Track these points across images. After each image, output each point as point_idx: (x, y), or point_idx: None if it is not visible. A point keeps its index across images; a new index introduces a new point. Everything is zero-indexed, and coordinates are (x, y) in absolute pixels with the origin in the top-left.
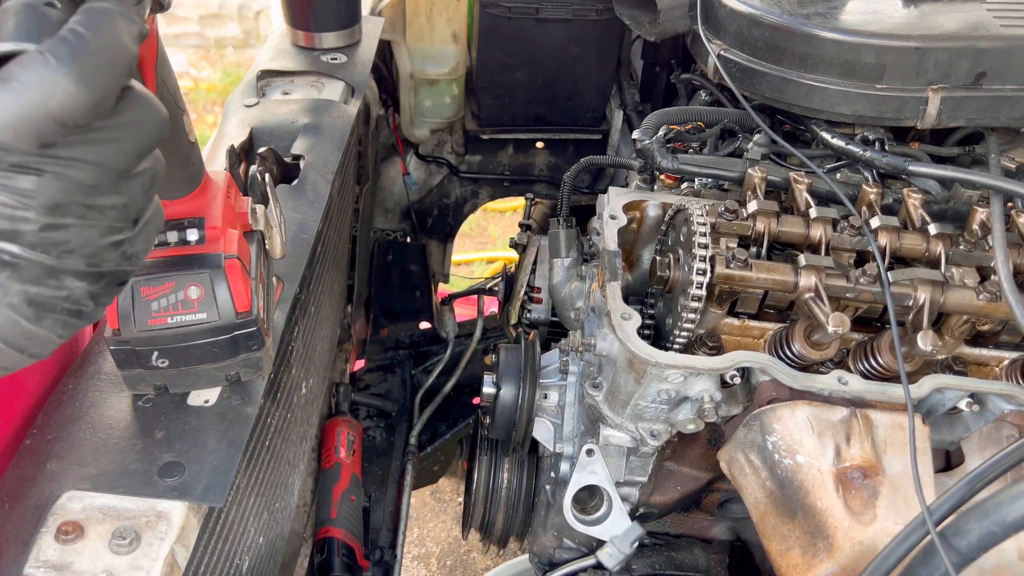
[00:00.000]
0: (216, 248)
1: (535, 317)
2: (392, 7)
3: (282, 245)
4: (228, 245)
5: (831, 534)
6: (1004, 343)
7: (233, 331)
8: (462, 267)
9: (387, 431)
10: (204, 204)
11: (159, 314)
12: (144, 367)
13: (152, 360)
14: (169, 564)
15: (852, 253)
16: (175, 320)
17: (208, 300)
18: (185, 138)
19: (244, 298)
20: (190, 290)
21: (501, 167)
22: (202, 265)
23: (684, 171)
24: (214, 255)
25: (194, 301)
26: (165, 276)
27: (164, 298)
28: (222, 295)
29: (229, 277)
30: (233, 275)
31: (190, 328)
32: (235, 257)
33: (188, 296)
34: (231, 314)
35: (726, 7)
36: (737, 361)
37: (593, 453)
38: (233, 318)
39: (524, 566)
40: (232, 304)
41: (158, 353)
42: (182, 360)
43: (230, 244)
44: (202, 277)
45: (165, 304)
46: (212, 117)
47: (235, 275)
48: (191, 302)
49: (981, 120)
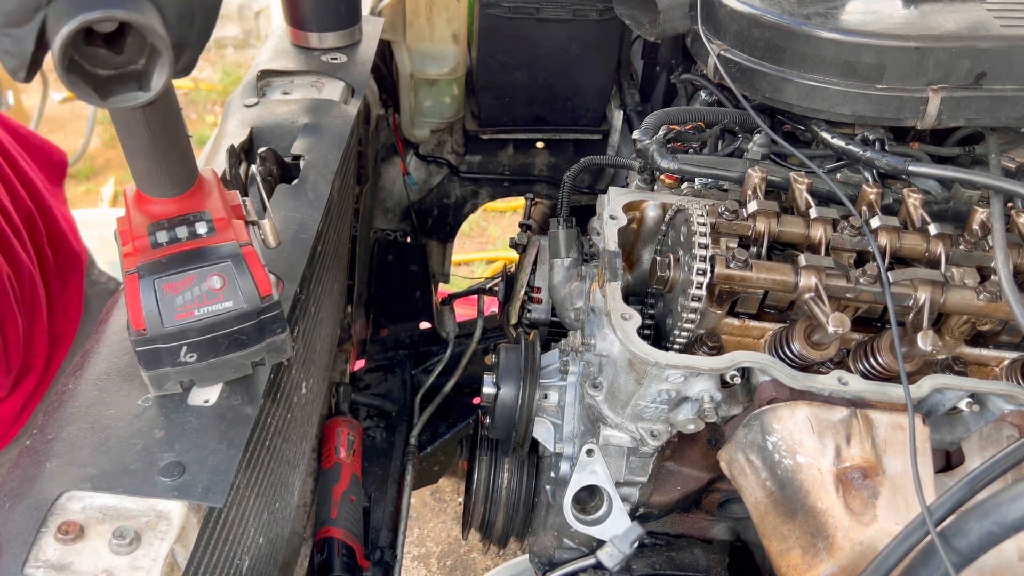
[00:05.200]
0: (228, 237)
1: (535, 317)
2: (392, 7)
3: (275, 234)
4: (239, 234)
5: (831, 534)
6: (1004, 343)
7: (259, 316)
8: (462, 267)
9: (387, 431)
10: (202, 199)
11: (185, 308)
12: (172, 364)
13: (181, 356)
14: (169, 564)
15: (852, 253)
16: (202, 312)
17: (232, 288)
18: (184, 133)
19: (266, 282)
20: (212, 280)
21: (501, 167)
22: (220, 255)
23: (684, 171)
24: (229, 244)
25: (218, 291)
26: (185, 270)
27: (188, 291)
28: (245, 281)
29: (249, 263)
30: (252, 261)
31: (218, 318)
32: (249, 244)
33: (211, 286)
34: (256, 299)
35: (726, 7)
36: (737, 361)
37: (593, 453)
38: (258, 303)
39: (524, 566)
40: (256, 289)
41: (187, 348)
42: (210, 352)
43: (240, 232)
44: (223, 266)
45: (190, 297)
46: (212, 117)
47: (253, 261)
48: (215, 292)
49: (981, 120)
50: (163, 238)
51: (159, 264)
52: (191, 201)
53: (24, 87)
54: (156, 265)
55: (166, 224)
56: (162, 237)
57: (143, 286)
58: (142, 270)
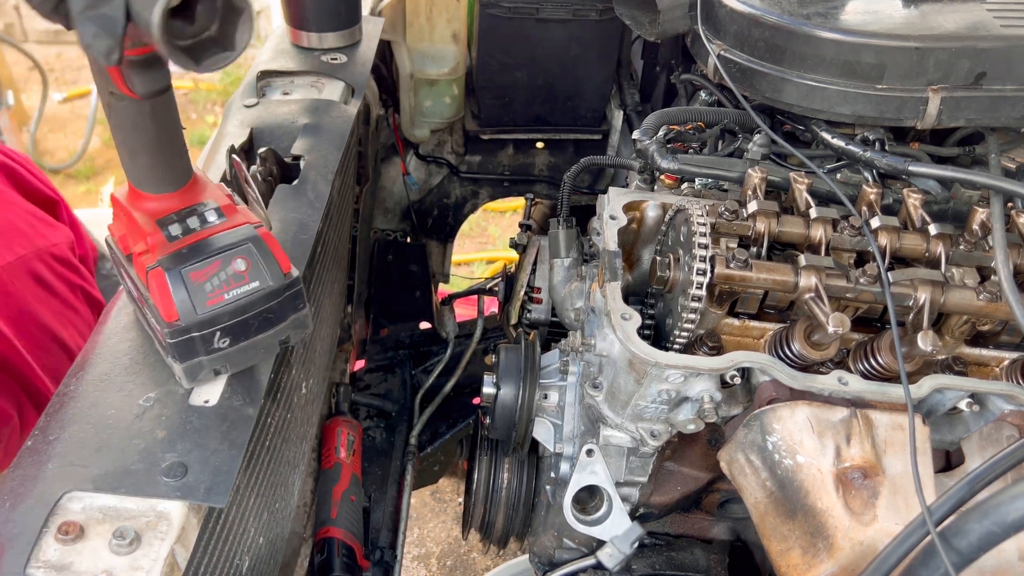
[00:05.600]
0: (240, 221)
1: (535, 317)
2: (392, 7)
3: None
4: (249, 217)
5: (831, 534)
6: (1004, 343)
7: (284, 293)
8: (462, 267)
9: (387, 431)
10: (200, 190)
11: (215, 293)
12: (206, 352)
13: (214, 342)
14: (169, 564)
15: (852, 253)
16: (232, 295)
17: (256, 268)
18: (180, 127)
19: (286, 259)
20: (237, 263)
21: (501, 167)
22: (237, 238)
23: (684, 171)
24: (244, 227)
25: (243, 273)
26: (208, 257)
27: (215, 277)
28: (268, 261)
29: (268, 242)
30: (270, 240)
31: (247, 299)
32: (262, 225)
33: (237, 269)
34: (280, 276)
35: (726, 7)
36: (737, 361)
37: (593, 453)
38: (283, 280)
39: (524, 566)
40: (279, 266)
41: (220, 333)
42: (242, 335)
43: (250, 216)
44: (244, 249)
45: (217, 283)
46: (212, 117)
47: (271, 240)
48: (241, 274)
49: (981, 120)
50: (176, 230)
51: (180, 255)
52: (190, 194)
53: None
54: (178, 256)
55: (175, 217)
56: (175, 230)
57: (171, 278)
58: (166, 263)
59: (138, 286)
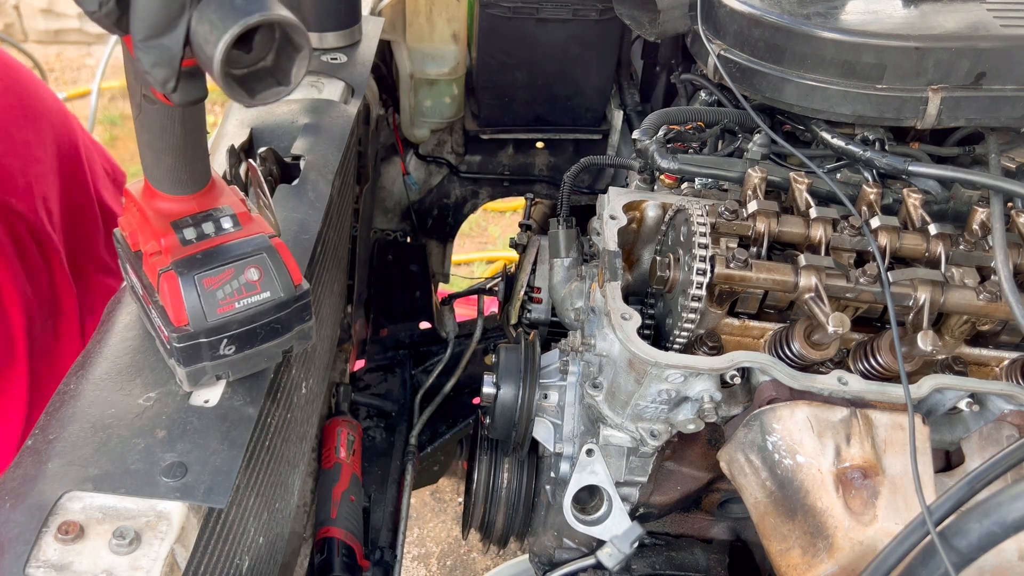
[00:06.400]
0: (254, 231)
1: (535, 317)
2: (392, 7)
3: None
4: (263, 226)
5: (831, 534)
6: (1004, 343)
7: (293, 304)
8: (462, 267)
9: (387, 431)
10: (218, 195)
11: (226, 301)
12: (211, 358)
13: (220, 349)
14: (169, 564)
15: (852, 253)
16: (242, 304)
17: (268, 279)
18: (206, 130)
19: (297, 272)
20: (250, 272)
21: (501, 167)
22: (252, 247)
23: (684, 171)
24: (259, 237)
25: (255, 282)
26: (222, 264)
27: (227, 284)
28: (280, 272)
29: (281, 254)
30: (283, 252)
31: (257, 308)
32: (276, 235)
33: (249, 279)
34: (291, 288)
35: (726, 7)
36: (737, 361)
37: (593, 453)
38: (293, 292)
39: (524, 566)
40: (290, 278)
41: (227, 341)
42: (248, 343)
43: (264, 225)
44: (258, 258)
45: (230, 291)
46: (212, 117)
47: (284, 252)
48: (253, 284)
49: (981, 120)
50: (191, 235)
51: (195, 260)
52: (207, 198)
53: None
54: (192, 261)
55: (190, 221)
56: (190, 234)
57: (183, 282)
58: (179, 267)
59: (145, 285)
